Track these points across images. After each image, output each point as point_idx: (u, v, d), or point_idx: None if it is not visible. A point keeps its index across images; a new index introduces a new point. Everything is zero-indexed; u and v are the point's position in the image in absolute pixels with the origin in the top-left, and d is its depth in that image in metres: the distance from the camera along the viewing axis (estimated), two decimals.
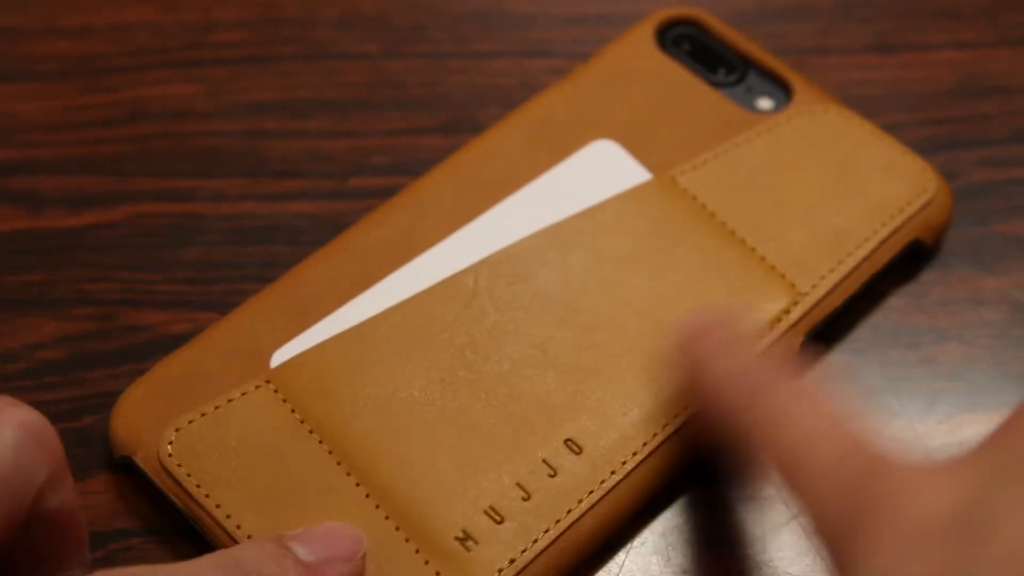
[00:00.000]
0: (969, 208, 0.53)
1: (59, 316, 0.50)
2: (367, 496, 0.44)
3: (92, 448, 0.47)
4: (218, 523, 0.43)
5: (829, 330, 0.50)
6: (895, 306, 0.51)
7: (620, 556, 0.45)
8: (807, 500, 0.36)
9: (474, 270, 0.48)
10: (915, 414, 0.49)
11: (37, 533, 0.37)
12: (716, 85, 0.54)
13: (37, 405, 0.46)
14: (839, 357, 0.50)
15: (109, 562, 0.45)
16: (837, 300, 0.49)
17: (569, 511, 0.44)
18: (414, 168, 0.53)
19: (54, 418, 0.46)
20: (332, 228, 0.51)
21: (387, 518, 0.43)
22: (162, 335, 0.49)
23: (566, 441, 0.45)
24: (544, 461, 0.45)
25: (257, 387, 0.46)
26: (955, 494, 0.33)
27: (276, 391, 0.45)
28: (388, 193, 0.51)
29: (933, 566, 0.32)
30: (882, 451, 0.36)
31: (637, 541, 0.46)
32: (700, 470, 0.47)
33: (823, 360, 0.49)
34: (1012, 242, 0.53)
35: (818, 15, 0.58)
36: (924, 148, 0.52)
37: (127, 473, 0.46)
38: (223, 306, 0.50)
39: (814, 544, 0.37)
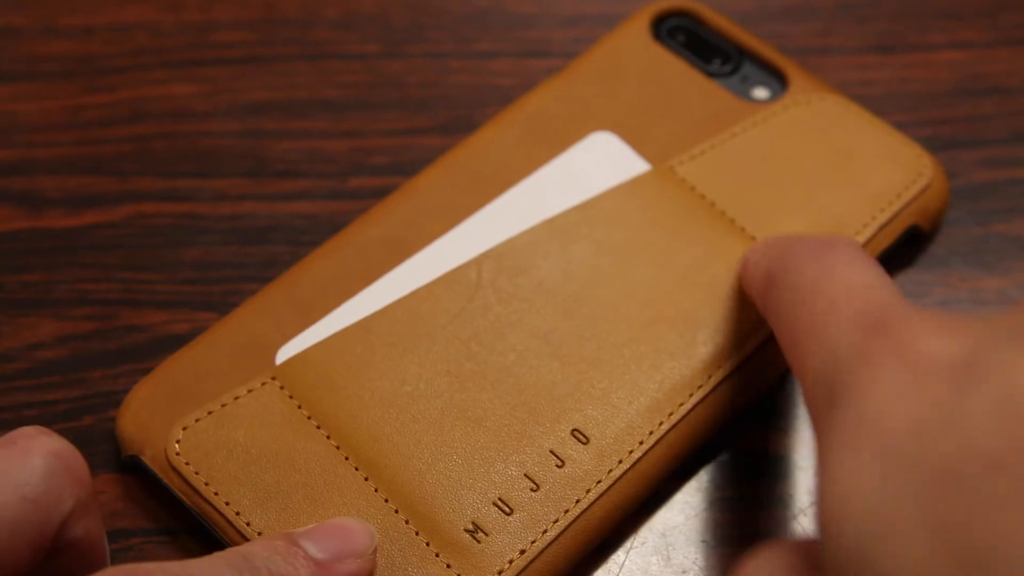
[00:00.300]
0: (969, 208, 0.53)
1: (59, 316, 0.49)
2: (376, 490, 0.43)
3: (93, 448, 0.46)
4: (228, 520, 0.43)
5: None
6: None
7: (620, 556, 0.45)
8: (817, 356, 0.37)
9: (477, 263, 0.48)
10: None
11: (61, 560, 0.38)
12: (712, 75, 0.54)
13: (37, 405, 0.47)
14: None
15: (110, 562, 0.44)
16: None
17: (578, 501, 0.44)
18: (413, 168, 0.53)
19: (54, 418, 0.46)
20: (332, 228, 0.51)
21: (396, 512, 0.43)
22: (162, 335, 0.49)
23: (573, 431, 0.45)
24: (551, 452, 0.44)
25: (263, 384, 0.45)
26: (959, 343, 0.33)
27: (282, 387, 0.45)
28: (387, 193, 0.51)
29: (926, 402, 0.32)
30: (895, 308, 0.36)
31: (637, 541, 0.46)
32: (701, 469, 0.47)
33: None
34: (1012, 242, 0.53)
35: (818, 15, 0.59)
36: (924, 148, 0.52)
37: (134, 473, 0.46)
38: (223, 306, 0.50)
39: (808, 409, 0.37)
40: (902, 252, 0.51)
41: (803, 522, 0.46)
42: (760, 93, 0.54)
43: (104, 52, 0.56)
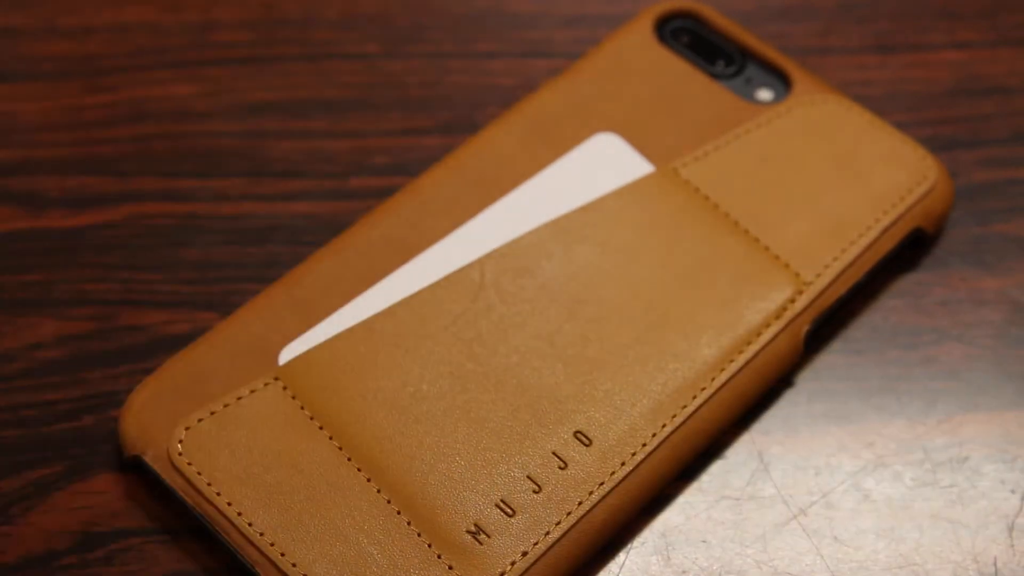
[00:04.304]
0: (969, 208, 0.53)
1: (59, 316, 0.49)
2: (378, 491, 0.44)
3: (93, 448, 0.47)
4: (230, 521, 0.43)
5: (832, 320, 0.50)
6: (895, 306, 0.51)
7: (620, 556, 0.45)
8: None
9: (480, 264, 0.48)
10: (915, 414, 0.49)
11: None
12: (716, 77, 0.54)
13: (37, 405, 0.47)
14: (839, 357, 0.50)
15: (109, 562, 0.45)
16: (841, 289, 0.49)
17: (580, 503, 0.44)
18: (414, 168, 0.53)
19: (54, 418, 0.46)
20: (332, 228, 0.51)
21: (398, 513, 0.43)
22: (162, 335, 0.49)
23: (576, 433, 0.45)
24: (554, 453, 0.45)
25: (266, 384, 0.45)
26: None
27: (285, 388, 0.45)
28: (388, 193, 0.51)
29: None
30: None
31: (637, 541, 0.46)
32: (701, 470, 0.47)
33: (824, 360, 0.50)
34: (1012, 242, 0.53)
35: (818, 15, 0.59)
36: (928, 150, 0.52)
37: (136, 473, 0.46)
38: (223, 306, 0.50)
39: None
40: (903, 254, 0.51)
41: (803, 522, 0.46)
42: (764, 95, 0.53)
43: (104, 52, 0.56)
